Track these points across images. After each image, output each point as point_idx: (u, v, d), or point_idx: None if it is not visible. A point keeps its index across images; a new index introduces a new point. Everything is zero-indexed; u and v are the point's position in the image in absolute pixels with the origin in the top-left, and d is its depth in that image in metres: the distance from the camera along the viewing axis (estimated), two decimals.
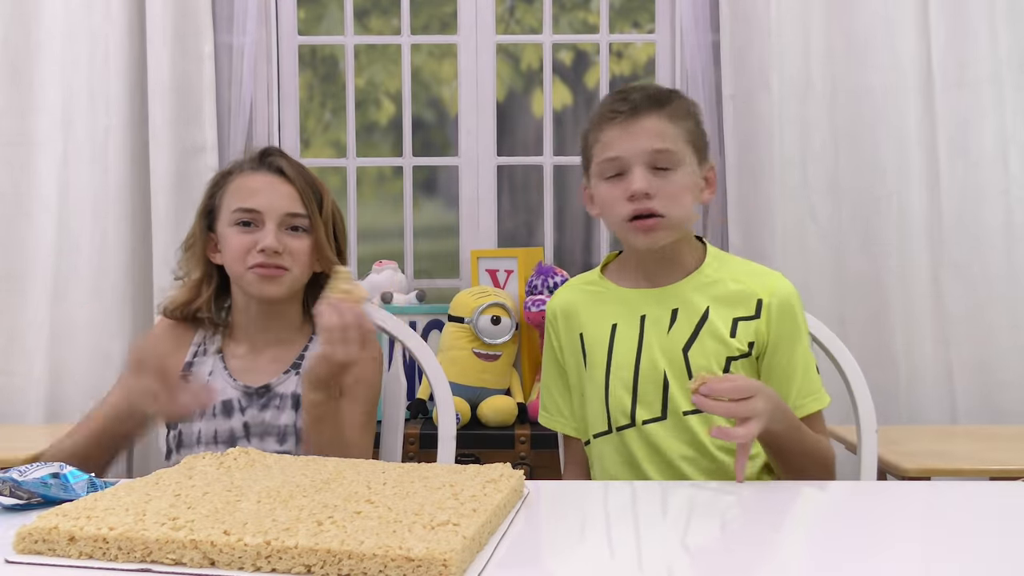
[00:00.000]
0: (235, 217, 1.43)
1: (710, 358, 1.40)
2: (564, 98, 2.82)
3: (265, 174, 1.46)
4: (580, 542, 0.98)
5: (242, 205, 1.43)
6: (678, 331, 1.42)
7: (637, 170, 1.37)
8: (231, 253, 1.43)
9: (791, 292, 1.44)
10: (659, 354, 1.42)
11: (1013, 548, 0.94)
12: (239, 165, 1.49)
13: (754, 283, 1.44)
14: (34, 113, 2.39)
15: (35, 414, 2.35)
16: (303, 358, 1.49)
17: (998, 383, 2.33)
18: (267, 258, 1.41)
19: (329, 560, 0.80)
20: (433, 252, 2.75)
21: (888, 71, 2.35)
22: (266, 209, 1.43)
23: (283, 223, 1.43)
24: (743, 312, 1.42)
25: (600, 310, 1.48)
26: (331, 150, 2.81)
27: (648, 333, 1.43)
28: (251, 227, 1.43)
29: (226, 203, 1.46)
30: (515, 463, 2.20)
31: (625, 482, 1.43)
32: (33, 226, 2.39)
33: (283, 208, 1.44)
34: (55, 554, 0.85)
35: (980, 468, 1.80)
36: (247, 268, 1.42)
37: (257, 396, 1.46)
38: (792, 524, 1.08)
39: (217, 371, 1.47)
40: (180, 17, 2.39)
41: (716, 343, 1.41)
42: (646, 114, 1.39)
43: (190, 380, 1.47)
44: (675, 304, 1.43)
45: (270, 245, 1.40)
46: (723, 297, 1.43)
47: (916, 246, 2.35)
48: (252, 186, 1.45)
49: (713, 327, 1.41)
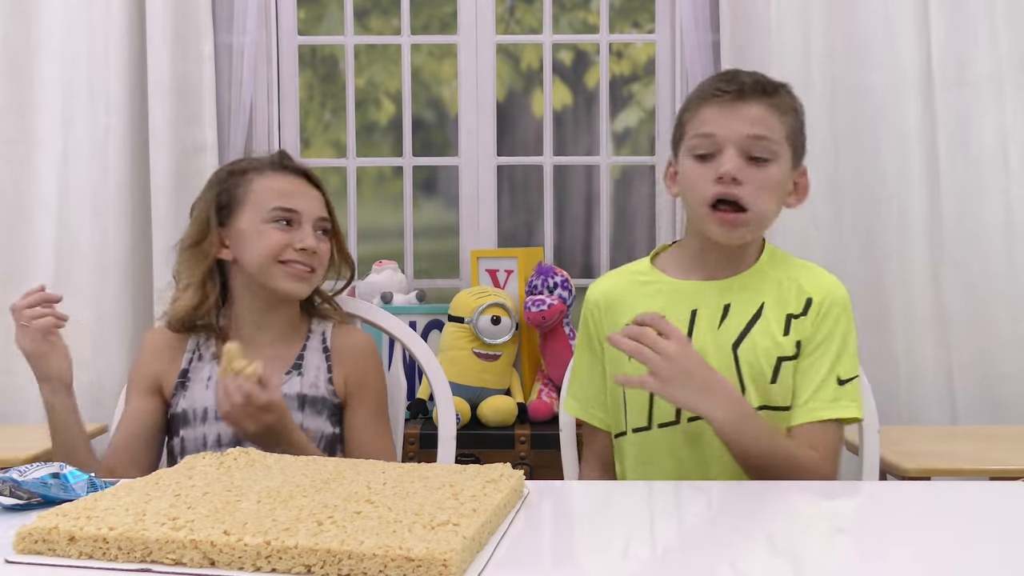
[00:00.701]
0: (274, 215, 1.47)
1: (760, 356, 1.36)
2: (564, 98, 2.82)
3: (293, 178, 1.51)
4: (580, 542, 0.98)
5: (283, 204, 1.47)
6: (729, 327, 1.38)
7: (730, 151, 1.32)
8: (264, 249, 1.45)
9: (842, 296, 1.40)
10: (709, 350, 1.36)
11: (1013, 548, 0.94)
12: (257, 165, 1.51)
13: (809, 282, 1.40)
14: (34, 112, 2.39)
15: (35, 414, 2.35)
16: (302, 358, 1.51)
17: (999, 383, 2.33)
18: (305, 257, 1.46)
19: (329, 560, 0.80)
20: (433, 252, 2.75)
21: (888, 70, 2.35)
22: (304, 211, 1.48)
23: (316, 226, 1.49)
24: (795, 310, 1.38)
25: (647, 301, 1.42)
26: (331, 150, 2.81)
27: (699, 328, 1.38)
28: (287, 224, 1.47)
29: (256, 199, 1.48)
30: (515, 463, 2.20)
31: (626, 482, 1.43)
32: (33, 225, 2.38)
33: (317, 212, 1.50)
34: (55, 554, 0.85)
35: (980, 468, 1.79)
36: (279, 262, 1.45)
37: None
38: (792, 524, 1.08)
39: (216, 375, 1.46)
40: (180, 17, 2.39)
41: (768, 341, 1.36)
42: (752, 99, 1.34)
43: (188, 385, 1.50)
44: (728, 299, 1.39)
45: (311, 245, 1.46)
46: (778, 294, 1.39)
47: (916, 246, 2.35)
48: (286, 188, 1.49)
49: (766, 324, 1.37)
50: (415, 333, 1.68)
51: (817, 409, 1.35)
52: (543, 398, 2.37)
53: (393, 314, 1.71)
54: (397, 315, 1.72)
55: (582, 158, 2.74)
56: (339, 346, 1.54)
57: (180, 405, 1.48)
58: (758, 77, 1.38)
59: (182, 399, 1.48)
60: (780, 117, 1.37)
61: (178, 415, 1.48)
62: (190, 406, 1.47)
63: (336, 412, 1.51)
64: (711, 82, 1.39)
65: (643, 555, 0.92)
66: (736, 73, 1.39)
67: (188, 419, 1.47)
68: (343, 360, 1.53)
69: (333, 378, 1.51)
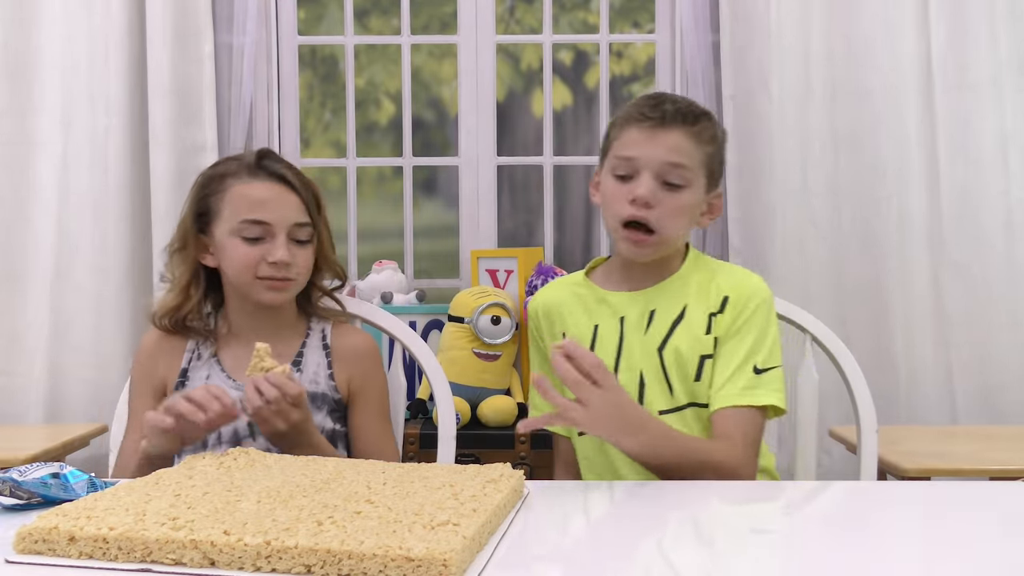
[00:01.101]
0: (242, 228, 1.42)
1: (683, 356, 1.41)
2: (564, 98, 2.82)
3: (268, 182, 1.44)
4: (580, 542, 0.98)
5: (250, 217, 1.42)
6: (654, 331, 1.44)
7: (646, 176, 1.38)
8: (238, 264, 1.43)
9: (756, 289, 1.43)
10: (637, 354, 1.43)
11: (1013, 548, 0.94)
12: (235, 169, 1.46)
13: (727, 281, 1.45)
14: (34, 113, 2.39)
15: (35, 414, 2.36)
16: (302, 355, 1.50)
17: (998, 383, 2.33)
18: (278, 271, 1.42)
19: (329, 560, 0.80)
20: (433, 252, 2.75)
21: (888, 72, 2.36)
22: (275, 221, 1.42)
23: (291, 234, 1.43)
24: (714, 308, 1.43)
25: (582, 312, 1.49)
26: (331, 150, 2.81)
27: (627, 335, 1.45)
28: (259, 237, 1.42)
29: (227, 210, 1.44)
30: (515, 463, 2.20)
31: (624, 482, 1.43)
32: (33, 226, 2.39)
33: (291, 219, 1.43)
34: (55, 554, 0.85)
35: (980, 468, 1.80)
36: (255, 278, 1.42)
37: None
38: (792, 524, 1.08)
39: (214, 374, 1.47)
40: (180, 17, 2.39)
41: (690, 340, 1.41)
42: (672, 127, 1.39)
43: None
44: (653, 305, 1.45)
45: (283, 258, 1.41)
46: (699, 295, 1.44)
47: (916, 247, 2.35)
48: (257, 196, 1.43)
49: (689, 324, 1.42)
50: (415, 333, 1.68)
51: (732, 396, 1.38)
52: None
53: (393, 314, 1.70)
54: (397, 315, 1.72)
55: (582, 158, 2.74)
56: (340, 346, 1.52)
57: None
58: (681, 105, 1.43)
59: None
60: (699, 145, 1.41)
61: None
62: None
63: (337, 408, 1.49)
64: (639, 104, 1.44)
65: (643, 555, 0.92)
66: (662, 99, 1.43)
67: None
68: (345, 361, 1.51)
69: (334, 374, 1.50)
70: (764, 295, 1.44)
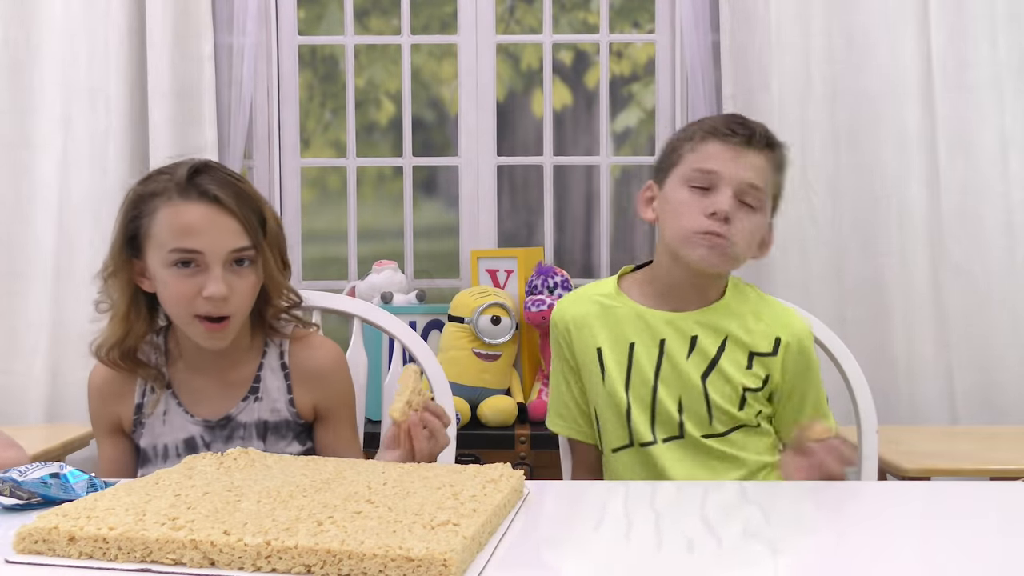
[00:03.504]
0: (172, 258, 1.27)
1: (727, 387, 1.42)
2: (564, 98, 2.82)
3: (201, 205, 1.27)
4: (580, 542, 0.98)
5: (180, 245, 1.26)
6: (697, 359, 1.42)
7: (727, 192, 1.37)
8: (171, 298, 1.29)
9: (806, 332, 1.47)
10: (677, 380, 1.42)
11: (1013, 548, 0.94)
12: (164, 188, 1.30)
13: (773, 321, 1.46)
14: (34, 114, 2.39)
15: (35, 414, 2.35)
16: (259, 380, 1.38)
17: (998, 383, 2.33)
18: (215, 307, 1.27)
19: (329, 560, 0.80)
20: (433, 252, 2.75)
21: (888, 72, 2.35)
22: (209, 250, 1.26)
23: (228, 260, 1.27)
24: (762, 348, 1.43)
25: (617, 327, 1.45)
26: (331, 150, 2.81)
27: (667, 358, 1.43)
28: (191, 267, 1.27)
29: (157, 236, 1.28)
30: (515, 463, 2.20)
31: (625, 482, 1.43)
32: (33, 227, 2.38)
33: (227, 246, 1.27)
34: (55, 554, 0.85)
35: (980, 468, 1.80)
36: (192, 316, 1.29)
37: (219, 428, 1.36)
38: (792, 524, 1.08)
39: (171, 408, 1.37)
40: (180, 17, 2.39)
41: (734, 373, 1.42)
42: (758, 148, 1.40)
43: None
44: (695, 331, 1.43)
45: (217, 293, 1.26)
46: (741, 329, 1.44)
47: (916, 246, 2.35)
48: (188, 221, 1.26)
49: (732, 357, 1.42)
50: (415, 333, 1.68)
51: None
52: (543, 398, 2.37)
53: (393, 314, 1.70)
54: (397, 315, 1.72)
55: (582, 158, 2.74)
56: (300, 366, 1.39)
57: (141, 441, 1.37)
58: (765, 129, 1.44)
59: (140, 436, 1.37)
60: (774, 172, 1.43)
61: (140, 451, 1.38)
62: (150, 444, 1.37)
63: (302, 431, 1.40)
64: (722, 121, 1.43)
65: (643, 555, 0.92)
66: (746, 120, 1.44)
67: (149, 457, 1.37)
68: (307, 383, 1.39)
69: (295, 399, 1.38)
70: (809, 334, 1.48)
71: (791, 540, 1.00)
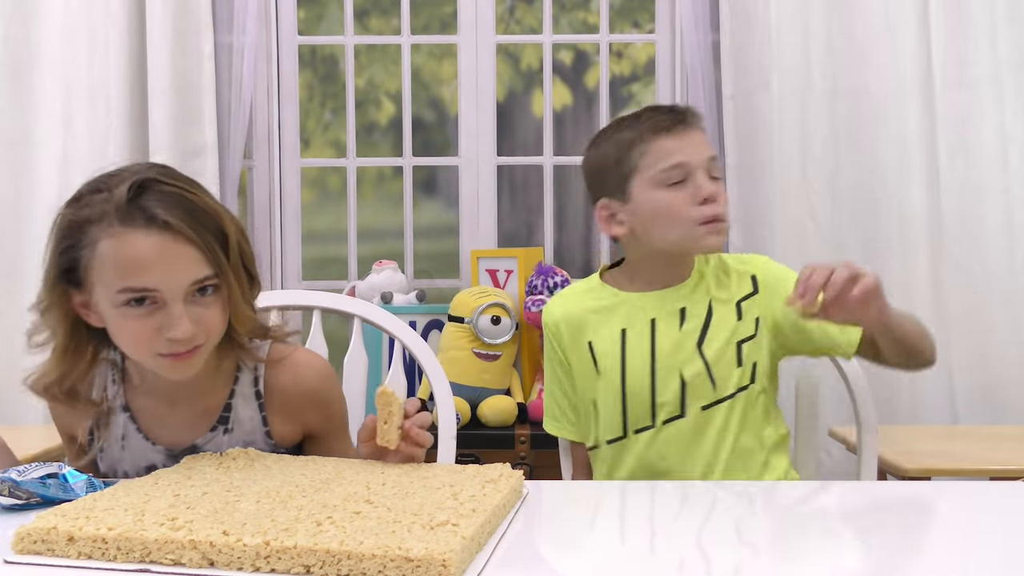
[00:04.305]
0: (122, 299, 1.09)
1: (723, 348, 1.43)
2: (564, 98, 2.82)
3: (150, 234, 1.08)
4: (580, 542, 0.98)
5: (129, 284, 1.08)
6: (690, 328, 1.44)
7: (701, 175, 1.41)
8: (127, 340, 1.13)
9: (766, 259, 1.52)
10: (674, 352, 1.44)
11: (1013, 548, 0.93)
12: (101, 213, 1.10)
13: (738, 265, 1.50)
14: (34, 113, 2.39)
15: (35, 414, 2.35)
16: (230, 409, 1.23)
17: (999, 383, 2.33)
18: (181, 346, 1.11)
19: (328, 560, 0.80)
20: (433, 252, 2.75)
21: (888, 71, 2.35)
22: (165, 286, 1.08)
23: (189, 293, 1.10)
24: (744, 291, 1.46)
25: (606, 317, 1.48)
26: (331, 150, 2.81)
27: (660, 334, 1.45)
28: (146, 305, 1.09)
29: (100, 273, 1.10)
30: (515, 463, 2.20)
31: (624, 482, 1.43)
32: (33, 226, 2.38)
33: (187, 279, 1.10)
34: (54, 554, 0.85)
35: (980, 468, 1.80)
36: (155, 354, 1.12)
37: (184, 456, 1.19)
38: (792, 524, 1.08)
39: (130, 433, 1.23)
40: (180, 17, 2.39)
41: (726, 332, 1.44)
42: (693, 125, 1.44)
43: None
44: (682, 303, 1.46)
45: (183, 335, 1.09)
46: (720, 288, 1.47)
47: (916, 245, 2.35)
48: (135, 255, 1.08)
49: (720, 317, 1.45)
50: (415, 333, 1.68)
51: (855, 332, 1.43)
52: (543, 398, 2.37)
53: (393, 314, 1.70)
54: (397, 315, 1.72)
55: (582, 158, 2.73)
56: (281, 392, 1.25)
57: (100, 464, 1.25)
58: (682, 106, 1.47)
59: (100, 459, 1.25)
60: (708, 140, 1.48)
61: (100, 473, 1.26)
62: (110, 468, 1.25)
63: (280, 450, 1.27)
64: (654, 116, 1.45)
65: (643, 555, 0.92)
66: (663, 106, 1.47)
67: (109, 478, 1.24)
68: (289, 410, 1.25)
69: (271, 430, 1.24)
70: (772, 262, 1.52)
71: (790, 540, 1.00)
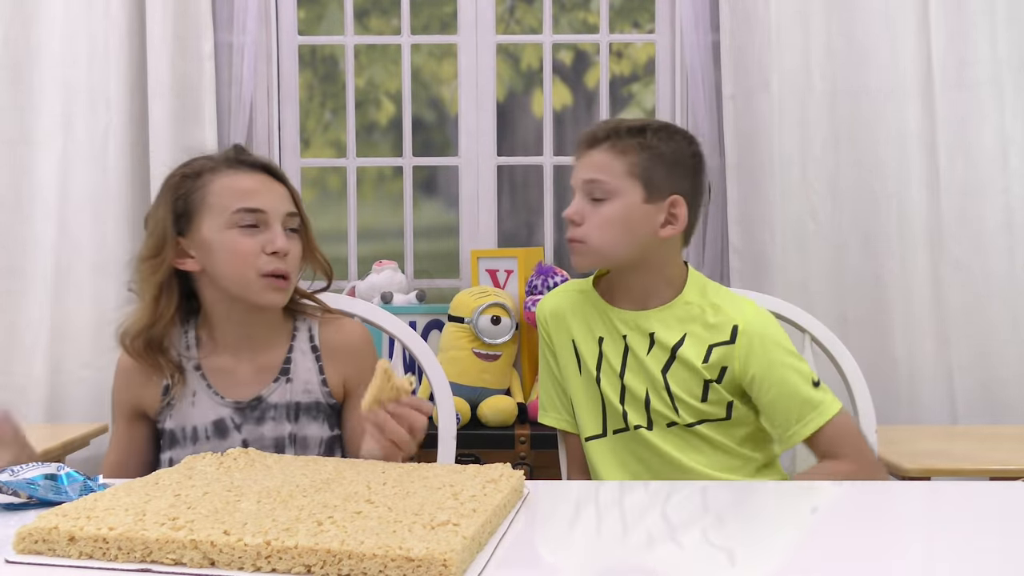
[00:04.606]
0: (237, 219, 1.33)
1: (688, 380, 1.45)
2: (564, 98, 2.82)
3: (254, 173, 1.37)
4: (580, 542, 0.98)
5: (246, 205, 1.34)
6: (656, 354, 1.46)
7: (577, 196, 1.46)
8: (236, 258, 1.33)
9: (765, 321, 1.46)
10: (640, 373, 1.47)
11: (1013, 548, 0.93)
12: (212, 165, 1.37)
13: (731, 311, 1.46)
14: (34, 112, 2.39)
15: (35, 414, 2.35)
16: (290, 362, 1.42)
17: (999, 382, 2.33)
18: (280, 261, 1.34)
19: (329, 560, 0.80)
20: (433, 252, 2.75)
21: (888, 71, 2.36)
22: (270, 209, 1.35)
23: (285, 224, 1.36)
24: (720, 338, 1.44)
25: (588, 321, 1.53)
26: (331, 150, 2.81)
27: (631, 354, 1.48)
28: (253, 228, 1.34)
29: (216, 203, 1.34)
30: (515, 463, 2.20)
31: (624, 482, 1.44)
32: (33, 225, 2.39)
33: (283, 208, 1.37)
34: (55, 554, 0.85)
35: (980, 468, 1.80)
36: (259, 274, 1.34)
37: (250, 410, 1.39)
38: (792, 524, 1.08)
39: (200, 390, 1.40)
40: (180, 16, 2.39)
41: (693, 366, 1.44)
42: (595, 146, 1.46)
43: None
44: (652, 328, 1.47)
45: (283, 247, 1.34)
46: (700, 324, 1.46)
47: (916, 245, 2.35)
48: (247, 186, 1.35)
49: (691, 350, 1.44)
50: (415, 333, 1.68)
51: (816, 420, 1.41)
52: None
53: (393, 314, 1.70)
54: (397, 315, 1.72)
55: None
56: (330, 343, 1.44)
57: (167, 424, 1.40)
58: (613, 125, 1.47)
59: (168, 418, 1.40)
60: (620, 158, 1.44)
61: (166, 433, 1.40)
62: (178, 425, 1.39)
63: (332, 413, 1.44)
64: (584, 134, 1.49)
65: (642, 554, 0.92)
66: (603, 124, 1.48)
67: (177, 439, 1.39)
68: (337, 359, 1.43)
69: (327, 379, 1.43)
70: (770, 321, 1.47)
71: (789, 540, 1.00)
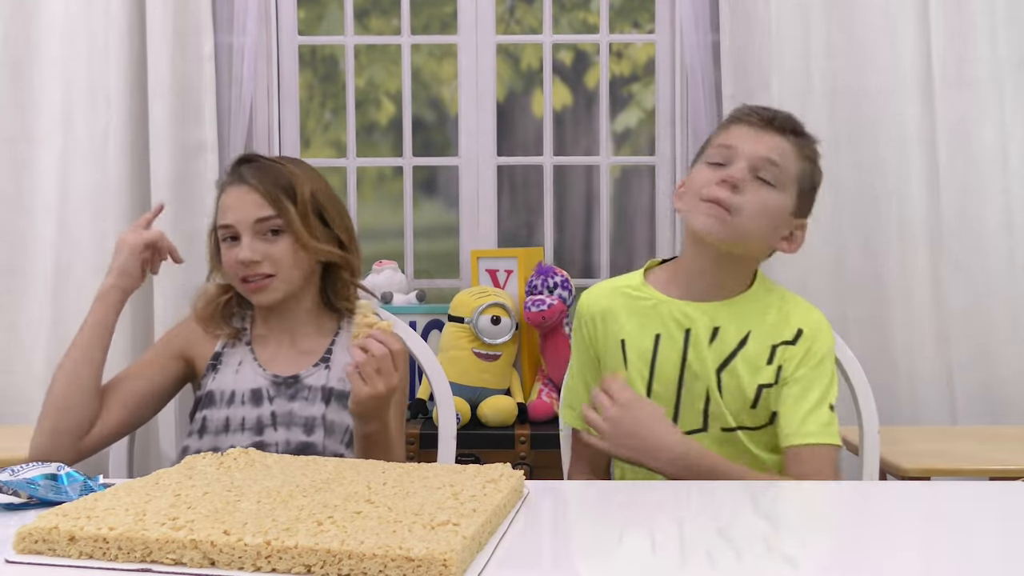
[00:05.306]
0: (221, 234, 1.50)
1: (742, 382, 1.41)
2: (564, 98, 2.82)
3: (236, 187, 1.50)
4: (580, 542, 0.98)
5: (222, 222, 1.50)
6: (716, 350, 1.42)
7: (741, 164, 1.38)
8: (227, 268, 1.51)
9: (828, 328, 1.45)
10: (699, 369, 1.42)
11: (1013, 548, 0.94)
12: (223, 180, 1.55)
13: (798, 313, 1.45)
14: (34, 111, 2.39)
15: (35, 414, 2.34)
16: (331, 351, 1.53)
17: (999, 383, 2.33)
18: (247, 270, 1.46)
19: (329, 560, 0.80)
20: (433, 252, 2.75)
21: (888, 70, 2.35)
22: (237, 222, 1.48)
23: (257, 231, 1.47)
24: (784, 337, 1.42)
25: (643, 319, 1.46)
26: (331, 150, 2.81)
27: (692, 348, 1.42)
28: (235, 241, 1.48)
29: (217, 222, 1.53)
30: (515, 463, 2.20)
31: (625, 482, 1.44)
32: (33, 224, 2.38)
33: (251, 216, 1.47)
34: (55, 554, 0.85)
35: (980, 468, 1.80)
36: (239, 280, 1.49)
37: (286, 386, 1.49)
38: (792, 524, 1.08)
39: (246, 361, 1.52)
40: (180, 16, 2.39)
41: (751, 368, 1.41)
42: (779, 131, 1.41)
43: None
44: (718, 322, 1.43)
45: (244, 257, 1.46)
46: (765, 323, 1.43)
47: (916, 245, 2.35)
48: (225, 203, 1.50)
49: (751, 352, 1.41)
50: (415, 333, 1.68)
51: (813, 433, 1.38)
52: (543, 398, 2.37)
53: (393, 314, 1.71)
54: (397, 315, 1.72)
55: (582, 158, 2.74)
56: None
57: (208, 385, 1.51)
58: (790, 116, 1.44)
59: (211, 380, 1.51)
60: (799, 156, 1.41)
61: (204, 395, 1.51)
62: (218, 387, 1.50)
63: None
64: (747, 108, 1.45)
65: (642, 555, 0.92)
66: (772, 108, 1.46)
67: (214, 399, 1.49)
68: None
69: None
70: (831, 331, 1.45)
71: (789, 540, 1.00)
